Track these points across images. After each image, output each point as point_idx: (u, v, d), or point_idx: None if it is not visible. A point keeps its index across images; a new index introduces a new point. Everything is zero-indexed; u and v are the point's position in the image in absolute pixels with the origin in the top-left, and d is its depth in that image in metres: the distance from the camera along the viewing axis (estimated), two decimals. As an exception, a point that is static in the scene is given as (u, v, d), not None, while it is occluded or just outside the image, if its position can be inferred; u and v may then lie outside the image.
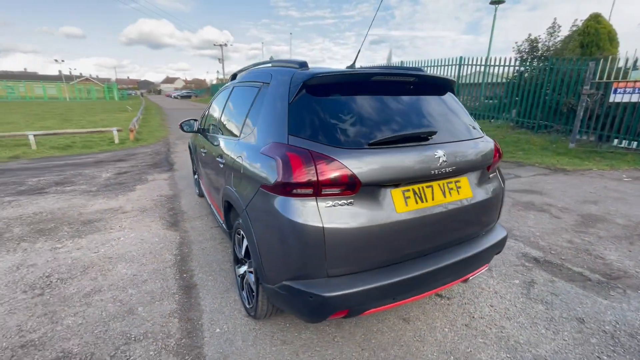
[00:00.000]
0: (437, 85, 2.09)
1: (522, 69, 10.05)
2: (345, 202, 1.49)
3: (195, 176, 4.54)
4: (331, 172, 1.45)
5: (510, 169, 6.39)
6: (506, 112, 10.48)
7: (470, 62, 11.38)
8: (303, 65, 1.84)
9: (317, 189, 1.45)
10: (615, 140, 7.62)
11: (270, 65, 2.30)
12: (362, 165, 1.49)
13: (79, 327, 2.00)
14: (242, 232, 1.97)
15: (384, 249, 1.59)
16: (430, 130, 1.72)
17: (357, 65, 2.39)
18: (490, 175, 2.03)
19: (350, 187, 1.48)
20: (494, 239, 2.00)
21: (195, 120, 3.58)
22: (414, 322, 2.09)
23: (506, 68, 10.32)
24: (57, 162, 7.06)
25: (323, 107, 1.64)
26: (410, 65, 13.63)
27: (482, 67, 11.08)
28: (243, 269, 2.14)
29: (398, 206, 1.58)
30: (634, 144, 7.31)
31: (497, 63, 10.54)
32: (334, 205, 1.48)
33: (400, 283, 1.59)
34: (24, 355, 1.78)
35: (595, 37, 9.38)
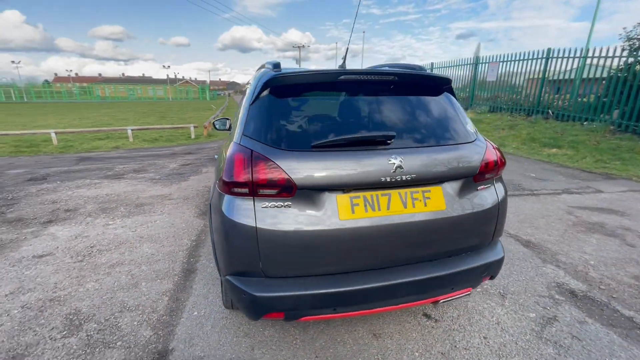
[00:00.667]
0: (426, 85, 1.89)
1: (632, 59, 8.18)
2: (282, 204, 1.48)
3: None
4: (267, 174, 1.45)
5: (592, 182, 5.32)
6: (605, 112, 8.67)
7: (561, 55, 9.75)
8: (276, 66, 1.86)
9: (253, 190, 1.47)
10: None
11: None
12: (301, 168, 1.46)
13: (95, 291, 2.39)
14: None
15: (325, 256, 1.52)
16: (385, 134, 1.57)
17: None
18: (480, 187, 1.76)
19: (286, 189, 1.46)
20: (480, 261, 1.73)
21: (228, 119, 3.88)
22: (384, 339, 1.95)
23: (609, 60, 8.54)
24: (142, 153, 8.37)
25: (278, 108, 1.64)
26: (470, 60, 12.31)
27: (577, 60, 9.38)
28: None
29: (342, 213, 1.50)
30: None
31: (597, 54, 8.79)
32: (269, 207, 1.48)
33: (341, 294, 1.51)
34: (49, 307, 2.21)
35: None
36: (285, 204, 1.48)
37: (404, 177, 1.53)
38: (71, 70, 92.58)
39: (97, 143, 9.73)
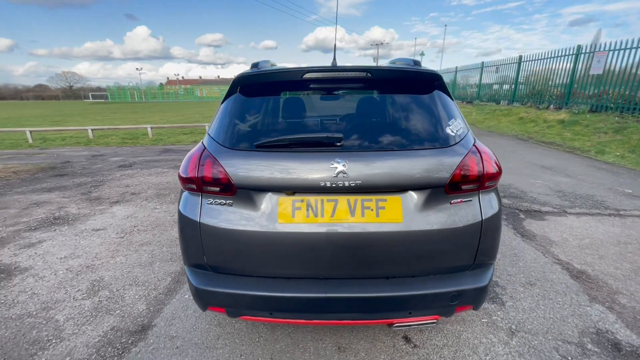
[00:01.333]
0: (406, 82, 1.69)
1: None
2: (224, 202, 1.50)
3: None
4: (210, 172, 1.49)
5: None
6: None
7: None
8: (254, 65, 1.89)
9: (199, 186, 1.52)
10: None
11: None
12: (243, 168, 1.45)
13: (120, 265, 2.79)
14: None
15: (262, 259, 1.50)
16: (330, 136, 1.45)
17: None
18: (455, 201, 1.49)
19: (227, 188, 1.48)
20: (448, 287, 1.48)
21: None
22: (347, 353, 1.82)
23: None
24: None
25: (239, 108, 1.66)
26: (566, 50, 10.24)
27: None
28: None
29: (281, 216, 1.45)
30: None
31: None
32: (213, 204, 1.52)
33: (277, 300, 1.47)
34: (84, 272, 2.66)
35: None
36: (227, 202, 1.50)
37: (347, 183, 1.40)
38: (178, 74, 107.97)
39: (181, 137, 11.18)
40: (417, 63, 1.90)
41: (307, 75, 1.60)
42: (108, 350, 1.86)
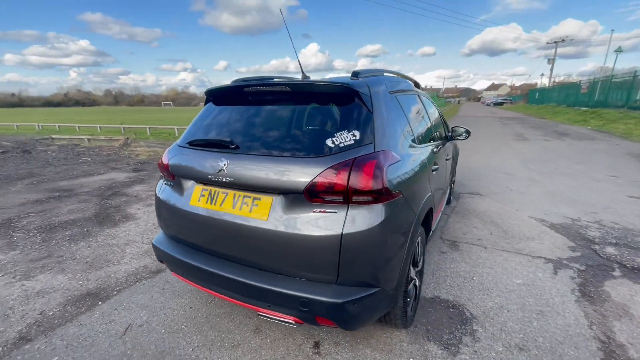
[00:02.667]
0: (319, 95, 1.76)
1: None
2: (169, 184, 2.03)
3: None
4: (162, 161, 2.05)
5: None
6: None
7: None
8: (236, 81, 2.33)
9: (162, 173, 2.11)
10: None
11: None
12: (174, 159, 1.95)
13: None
14: None
15: (181, 229, 1.94)
16: (222, 139, 1.72)
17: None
18: (317, 210, 1.50)
19: (168, 174, 1.99)
20: (298, 291, 1.51)
21: None
22: (261, 333, 2.03)
23: None
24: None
25: (200, 114, 2.14)
26: None
27: None
28: None
29: (193, 199, 1.85)
30: None
31: None
32: (165, 184, 2.07)
33: (185, 264, 1.88)
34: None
35: None
36: (169, 184, 2.02)
37: (224, 179, 1.66)
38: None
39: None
40: (356, 75, 1.88)
41: (246, 89, 1.92)
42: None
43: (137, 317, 2.22)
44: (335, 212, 1.49)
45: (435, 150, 2.55)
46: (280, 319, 1.63)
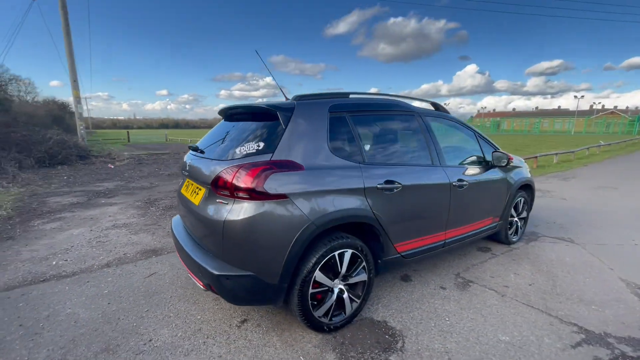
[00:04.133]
0: (259, 114, 2.21)
1: None
2: (183, 178, 2.85)
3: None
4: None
5: None
6: None
7: None
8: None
9: None
10: None
11: None
12: (184, 158, 2.75)
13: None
14: None
15: (179, 211, 2.69)
16: (196, 146, 2.36)
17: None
18: (219, 200, 1.93)
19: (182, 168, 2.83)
20: (203, 263, 1.96)
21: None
22: (217, 301, 2.54)
23: None
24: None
25: (212, 129, 2.91)
26: None
27: None
28: None
29: (183, 188, 2.58)
30: None
31: None
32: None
33: (175, 238, 2.62)
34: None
35: None
36: (182, 178, 2.85)
37: (185, 172, 2.32)
38: (484, 107, 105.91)
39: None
40: (296, 98, 2.22)
41: (229, 111, 2.58)
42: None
43: (162, 269, 3.14)
44: (226, 203, 1.90)
45: (418, 172, 2.53)
46: (198, 283, 2.12)
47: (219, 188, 1.94)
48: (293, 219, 1.89)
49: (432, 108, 3.17)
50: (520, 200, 3.73)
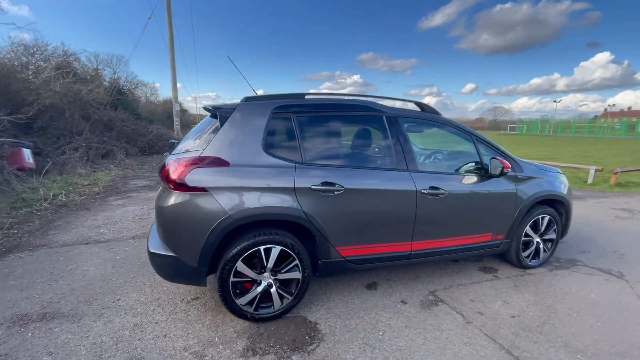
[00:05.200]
0: (212, 114, 2.43)
1: None
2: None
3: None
4: None
5: None
6: None
7: None
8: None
9: None
10: None
11: None
12: None
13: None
14: None
15: None
16: (171, 141, 2.70)
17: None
18: (163, 189, 2.23)
19: None
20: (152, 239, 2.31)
21: None
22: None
23: None
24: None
25: None
26: None
27: None
28: None
29: (170, 177, 3.01)
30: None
31: None
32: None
33: None
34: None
35: None
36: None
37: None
38: (612, 105, 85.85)
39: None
40: (244, 100, 2.38)
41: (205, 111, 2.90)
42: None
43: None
44: (164, 192, 2.20)
45: (371, 176, 2.44)
46: None
47: (162, 179, 2.25)
48: (210, 211, 2.07)
49: (417, 109, 2.93)
50: (542, 218, 3.13)
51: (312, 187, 2.24)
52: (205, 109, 2.47)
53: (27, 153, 7.35)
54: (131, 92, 22.00)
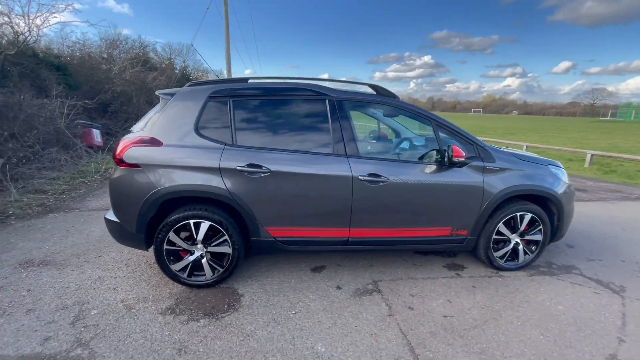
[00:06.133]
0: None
1: None
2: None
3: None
4: None
5: None
6: None
7: None
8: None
9: None
10: None
11: None
12: None
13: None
14: None
15: None
16: None
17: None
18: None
19: None
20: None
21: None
22: (160, 245, 3.30)
23: None
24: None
25: None
26: None
27: None
28: None
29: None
30: None
31: None
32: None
33: None
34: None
35: None
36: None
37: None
38: None
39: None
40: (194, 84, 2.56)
41: None
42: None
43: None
44: (114, 166, 2.53)
45: (302, 160, 2.47)
46: None
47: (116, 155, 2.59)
48: (142, 185, 2.34)
49: (372, 92, 2.78)
50: (521, 216, 2.76)
51: (237, 168, 2.36)
52: (157, 93, 2.73)
53: (96, 133, 8.76)
54: (198, 79, 24.21)
